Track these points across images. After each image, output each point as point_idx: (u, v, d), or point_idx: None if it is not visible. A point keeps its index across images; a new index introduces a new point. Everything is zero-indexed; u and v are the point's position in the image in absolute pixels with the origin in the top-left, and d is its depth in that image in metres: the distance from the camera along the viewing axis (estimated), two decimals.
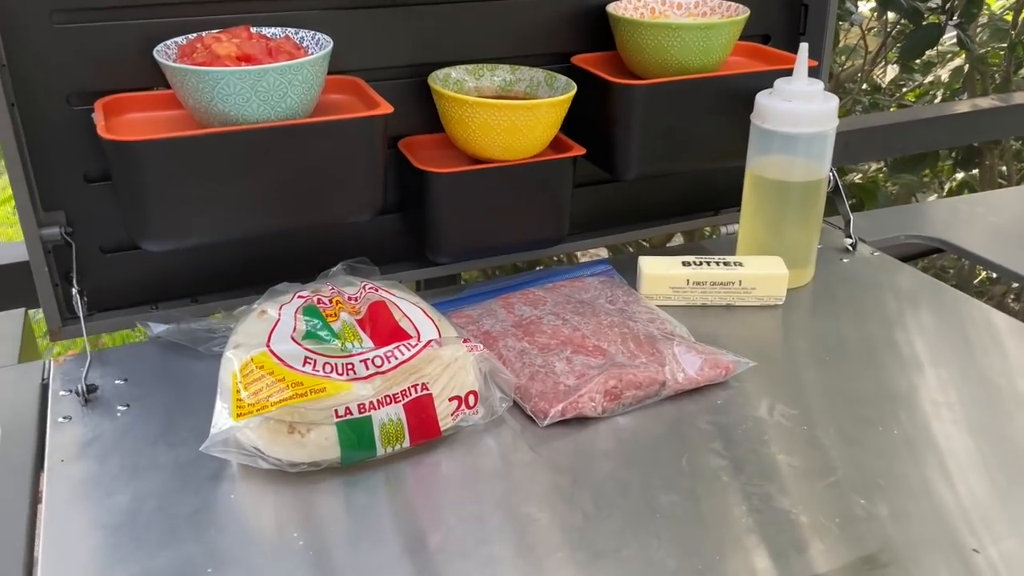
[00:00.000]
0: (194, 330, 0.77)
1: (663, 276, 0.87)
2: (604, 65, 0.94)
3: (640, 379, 0.72)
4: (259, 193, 0.73)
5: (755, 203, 0.90)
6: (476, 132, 0.82)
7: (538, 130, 0.82)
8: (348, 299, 0.73)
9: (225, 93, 0.68)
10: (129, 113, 0.77)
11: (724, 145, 0.92)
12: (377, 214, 0.80)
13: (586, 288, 0.87)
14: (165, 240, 0.73)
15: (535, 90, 0.90)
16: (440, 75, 0.87)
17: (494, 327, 0.79)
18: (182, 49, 0.73)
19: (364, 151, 0.76)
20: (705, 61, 0.87)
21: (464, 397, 0.66)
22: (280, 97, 0.70)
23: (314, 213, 0.77)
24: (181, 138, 0.68)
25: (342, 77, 0.83)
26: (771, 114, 0.85)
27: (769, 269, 0.88)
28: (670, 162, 0.91)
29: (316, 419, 0.62)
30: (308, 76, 0.71)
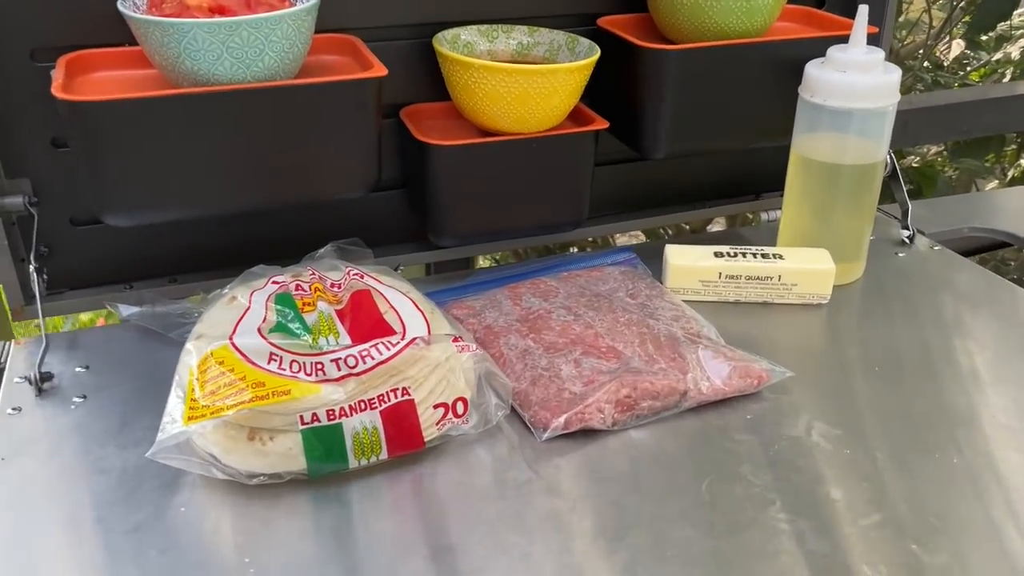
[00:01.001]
0: (166, 313, 0.70)
1: (692, 268, 0.77)
2: (634, 28, 0.83)
3: (658, 388, 0.63)
4: (234, 165, 0.65)
5: (800, 187, 0.80)
6: (483, 100, 0.72)
7: (554, 99, 0.73)
8: (331, 286, 0.64)
9: (193, 49, 0.60)
10: (98, 71, 0.69)
11: (767, 122, 0.81)
12: (371, 191, 0.72)
13: (605, 279, 0.78)
14: (127, 215, 0.65)
15: (555, 55, 0.80)
16: (447, 36, 0.77)
17: (497, 321, 0.70)
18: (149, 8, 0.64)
19: (354, 119, 0.67)
20: (748, 25, 0.76)
21: (451, 404, 0.58)
22: (256, 55, 0.62)
23: (298, 189, 0.69)
24: (139, 99, 0.60)
25: (337, 36, 0.75)
26: (822, 86, 0.74)
27: (813, 263, 0.77)
28: (704, 140, 0.81)
29: (279, 425, 0.54)
30: (289, 32, 0.62)
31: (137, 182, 0.63)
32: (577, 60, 0.77)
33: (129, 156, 0.62)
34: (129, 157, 0.62)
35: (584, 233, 0.91)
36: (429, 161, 0.74)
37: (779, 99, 0.79)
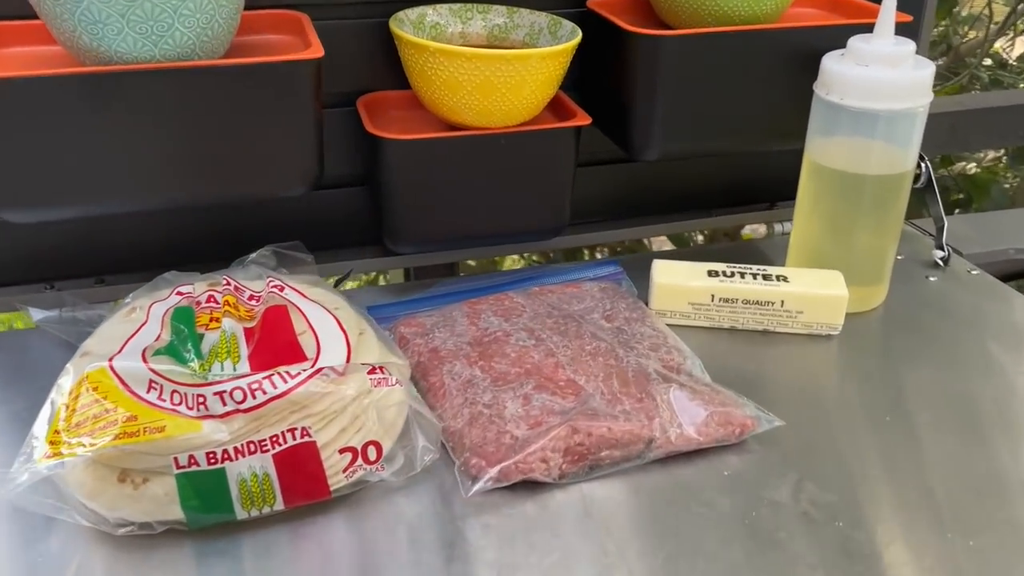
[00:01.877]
0: (76, 320, 0.62)
1: (680, 288, 0.67)
2: (629, 12, 0.74)
3: (617, 434, 0.53)
4: (144, 157, 0.57)
5: (813, 198, 0.69)
6: (442, 89, 0.63)
7: (524, 91, 0.63)
8: (248, 299, 0.56)
9: (88, 21, 0.52)
10: (10, 47, 0.62)
11: (777, 122, 0.70)
12: (312, 188, 0.63)
13: (581, 296, 0.68)
14: (23, 210, 0.58)
15: (535, 39, 0.71)
16: (411, 15, 0.68)
17: (446, 343, 0.61)
18: None
19: (287, 108, 0.59)
20: (756, 10, 0.66)
21: (361, 449, 0.49)
22: (165, 30, 0.53)
23: (222, 186, 0.60)
24: (22, 79, 0.52)
25: (281, 12, 0.66)
26: (840, 82, 0.63)
27: (823, 288, 0.67)
28: (702, 142, 0.70)
29: (154, 466, 0.46)
30: (205, 5, 0.54)
31: (31, 174, 0.56)
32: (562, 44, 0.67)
33: (19, 143, 0.54)
34: (19, 144, 0.54)
35: (566, 242, 0.81)
36: (381, 157, 0.65)
37: (791, 96, 0.68)
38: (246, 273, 0.60)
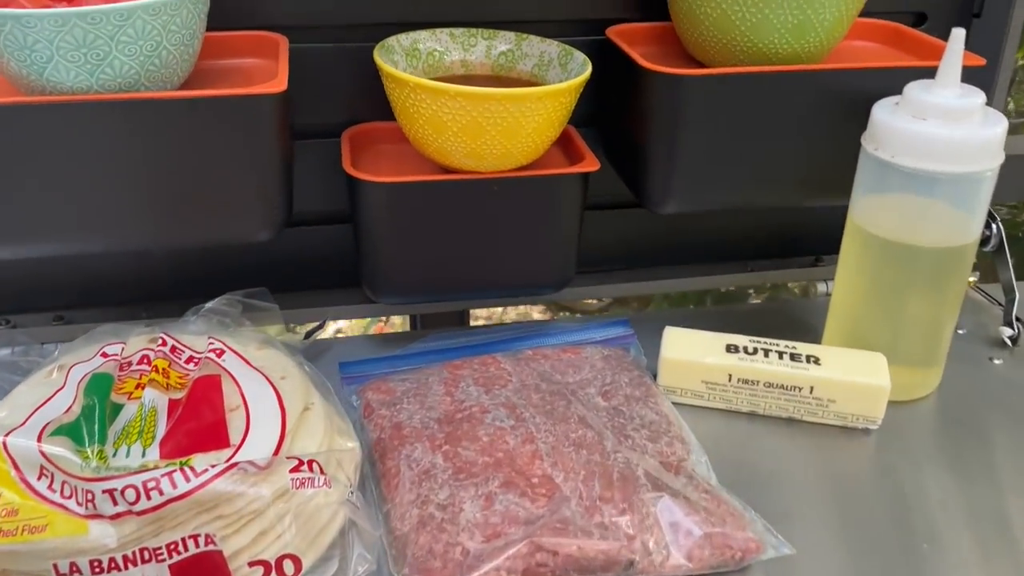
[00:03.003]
0: (15, 364, 0.57)
1: (694, 365, 0.58)
2: (653, 41, 0.65)
3: (589, 554, 0.45)
4: (89, 195, 0.51)
5: (857, 265, 0.59)
6: (426, 129, 0.56)
7: (519, 134, 0.55)
8: (185, 361, 0.50)
9: (15, 47, 0.46)
10: None
11: (817, 176, 0.61)
12: (276, 233, 0.56)
13: (580, 364, 0.60)
14: None
15: (543, 71, 0.62)
16: (404, 41, 0.61)
17: (412, 418, 0.54)
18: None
19: (246, 146, 0.52)
20: (796, 46, 0.56)
21: (276, 563, 0.41)
22: (101, 58, 0.47)
23: (175, 230, 0.54)
24: None
25: (258, 34, 0.60)
26: (892, 138, 0.53)
27: (861, 374, 0.57)
28: (728, 195, 0.61)
29: (34, 570, 0.40)
30: (148, 31, 0.47)
31: None
32: (568, 80, 0.59)
33: None
34: None
35: (572, 294, 0.73)
36: (359, 199, 0.58)
37: (835, 146, 0.59)
38: (194, 327, 0.54)
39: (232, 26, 0.60)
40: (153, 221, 0.53)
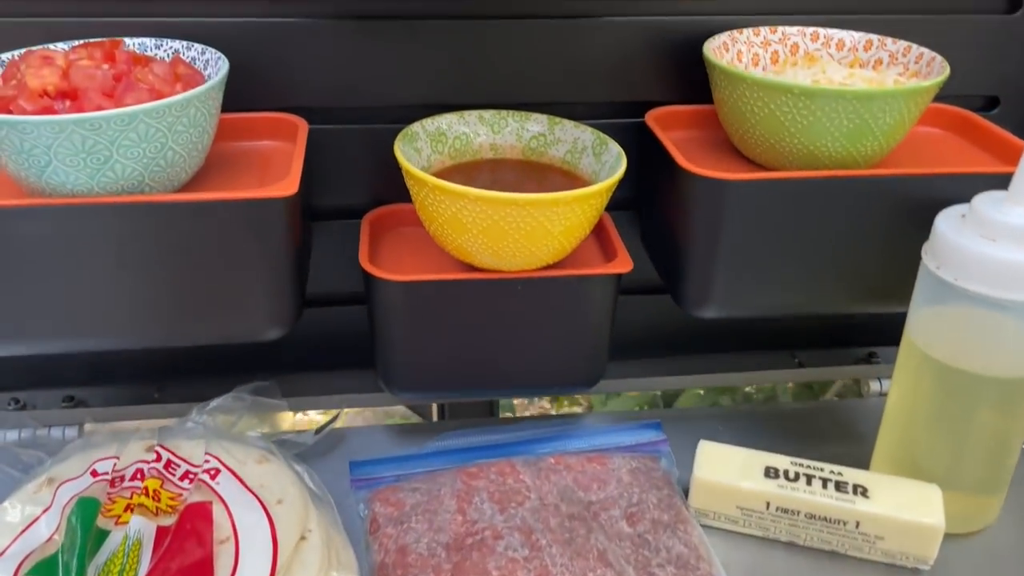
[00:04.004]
0: (16, 457, 0.55)
1: (729, 489, 0.54)
2: (695, 125, 0.61)
3: None
4: (93, 295, 0.49)
5: (912, 386, 0.54)
6: (446, 228, 0.52)
7: (546, 238, 0.51)
8: (180, 478, 0.47)
9: (12, 151, 0.44)
10: None
11: (873, 284, 0.56)
12: (287, 330, 0.54)
13: (605, 477, 0.56)
14: None
15: (576, 158, 0.59)
16: (428, 127, 0.58)
17: (419, 542, 0.50)
18: (7, 71, 0.49)
19: (252, 248, 0.49)
20: (852, 150, 0.52)
21: None
22: (101, 163, 0.45)
23: (182, 331, 0.51)
24: None
25: (277, 116, 0.57)
26: (955, 258, 0.48)
27: (912, 511, 0.52)
28: (771, 302, 0.56)
29: None
30: (150, 133, 0.45)
31: None
32: (601, 172, 0.55)
33: None
34: None
35: (599, 390, 0.68)
36: (374, 294, 0.55)
37: (893, 252, 0.54)
38: (196, 430, 0.51)
39: (251, 107, 0.58)
40: (160, 322, 0.50)
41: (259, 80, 0.57)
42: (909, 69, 0.56)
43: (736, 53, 0.58)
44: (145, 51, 0.54)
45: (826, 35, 0.59)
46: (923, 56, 0.55)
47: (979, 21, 0.61)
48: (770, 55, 0.59)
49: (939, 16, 0.61)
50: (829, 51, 0.59)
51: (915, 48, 0.56)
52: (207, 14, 0.55)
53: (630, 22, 0.59)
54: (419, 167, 0.56)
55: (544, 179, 0.59)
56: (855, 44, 0.59)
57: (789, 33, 0.59)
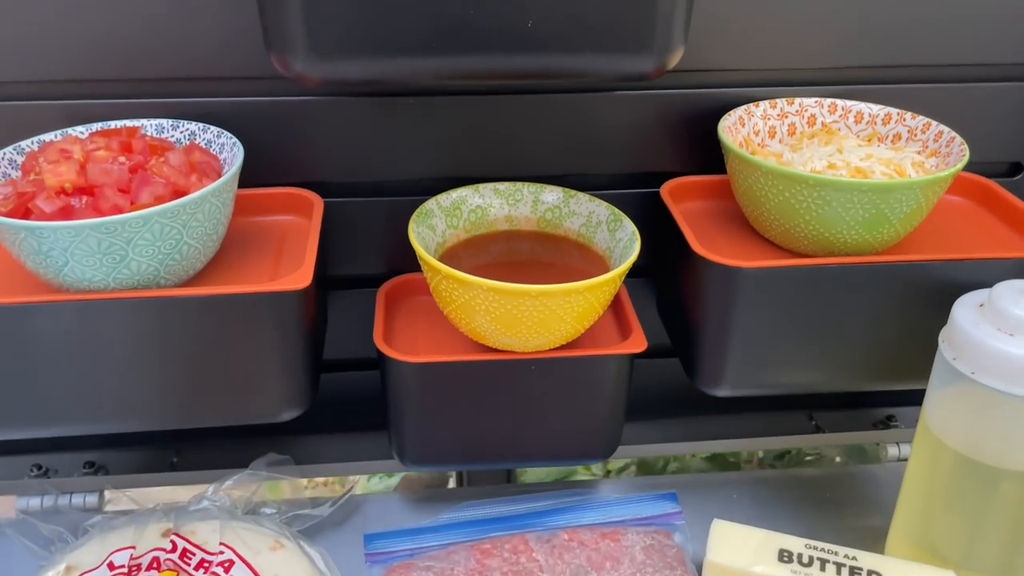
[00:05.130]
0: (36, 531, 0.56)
1: (742, 575, 0.54)
2: (710, 196, 0.61)
3: None
4: (102, 387, 0.49)
5: (927, 474, 0.53)
6: (459, 312, 0.52)
7: (559, 324, 0.51)
8: (196, 568, 0.47)
9: (30, 251, 0.45)
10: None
11: (889, 364, 0.55)
12: (302, 411, 0.54)
13: (619, 555, 0.56)
14: None
15: (591, 232, 0.58)
16: (444, 202, 0.58)
17: None
18: (26, 163, 0.50)
19: (266, 337, 0.50)
20: (868, 236, 0.51)
21: None
22: (117, 261, 0.45)
23: (197, 415, 0.52)
24: None
25: (293, 192, 0.58)
26: (973, 350, 0.48)
27: None
28: (786, 380, 0.56)
29: None
30: (165, 231, 0.45)
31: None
32: (617, 251, 0.55)
33: None
34: None
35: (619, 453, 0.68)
36: (386, 373, 0.55)
37: (910, 334, 0.54)
38: (211, 511, 0.52)
39: (267, 182, 0.58)
40: (176, 406, 0.51)
41: (275, 156, 0.58)
42: (928, 148, 0.55)
43: (752, 128, 0.58)
44: (162, 132, 0.54)
45: (844, 107, 0.58)
46: (943, 135, 0.54)
47: (999, 89, 0.60)
48: (787, 127, 0.59)
49: (959, 84, 0.60)
50: (847, 123, 0.58)
51: (934, 125, 0.55)
52: (224, 94, 0.56)
53: (644, 95, 0.59)
54: (434, 243, 0.57)
55: (559, 251, 0.59)
56: (873, 117, 0.58)
57: (806, 105, 0.59)
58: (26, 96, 0.54)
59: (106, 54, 0.54)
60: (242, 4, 0.53)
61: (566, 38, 0.44)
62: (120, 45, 0.53)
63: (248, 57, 0.54)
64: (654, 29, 0.44)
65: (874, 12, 0.57)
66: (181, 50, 0.54)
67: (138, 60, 0.54)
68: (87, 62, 0.54)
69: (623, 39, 0.44)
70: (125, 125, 0.54)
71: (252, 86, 0.56)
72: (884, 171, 0.51)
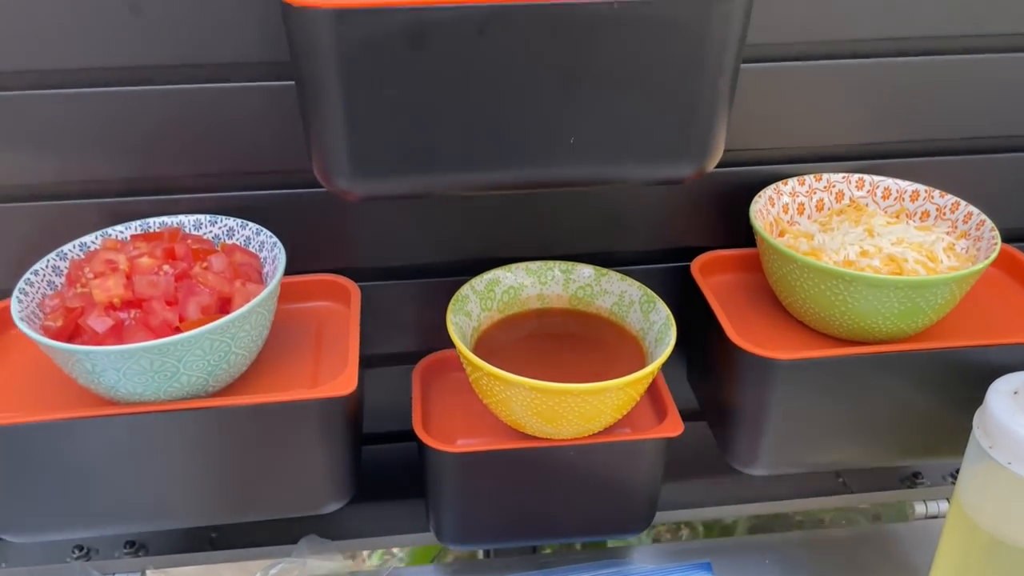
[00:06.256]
0: None
1: None
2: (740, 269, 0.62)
3: None
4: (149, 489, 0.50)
5: (960, 559, 0.54)
6: (498, 406, 0.53)
7: (597, 415, 0.52)
8: None
9: (83, 371, 0.45)
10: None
11: (924, 442, 0.56)
12: (344, 503, 0.55)
13: None
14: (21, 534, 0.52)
15: (624, 311, 0.59)
16: (479, 285, 0.58)
17: None
18: (71, 271, 0.50)
19: (311, 439, 0.50)
20: (903, 325, 0.52)
21: None
22: (168, 377, 0.46)
23: (241, 511, 0.53)
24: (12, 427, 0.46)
25: (331, 279, 0.58)
26: (1009, 441, 0.48)
27: None
28: (820, 460, 0.57)
29: None
30: (215, 346, 0.46)
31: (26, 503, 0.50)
32: (649, 332, 0.56)
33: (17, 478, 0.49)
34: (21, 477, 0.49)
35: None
36: (425, 459, 0.56)
37: (945, 414, 0.54)
38: None
39: (304, 268, 0.59)
40: (222, 503, 0.52)
41: (310, 243, 0.58)
42: (958, 229, 0.55)
43: (782, 206, 0.58)
44: (199, 228, 0.55)
45: (872, 183, 0.59)
46: (972, 216, 0.55)
47: (1020, 159, 0.61)
48: (815, 203, 0.59)
49: (982, 156, 0.61)
50: (875, 199, 0.59)
51: (963, 205, 0.56)
52: (260, 187, 0.56)
53: None
54: (470, 328, 0.57)
55: (591, 328, 0.60)
56: (901, 192, 0.58)
57: (834, 181, 0.59)
58: (64, 195, 0.55)
59: (144, 153, 0.54)
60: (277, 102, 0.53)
61: (607, 150, 0.45)
62: (158, 144, 0.54)
63: (285, 152, 0.55)
64: (695, 139, 0.45)
65: (897, 91, 0.58)
66: (218, 148, 0.54)
67: (175, 158, 0.54)
68: (125, 161, 0.54)
69: (664, 149, 0.45)
70: (164, 224, 0.55)
71: (288, 179, 0.56)
72: (917, 258, 0.52)
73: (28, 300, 0.48)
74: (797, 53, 0.56)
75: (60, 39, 0.50)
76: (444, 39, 0.40)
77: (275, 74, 0.53)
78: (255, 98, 0.53)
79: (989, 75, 0.58)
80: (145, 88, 0.52)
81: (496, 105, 0.43)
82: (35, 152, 0.53)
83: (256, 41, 0.51)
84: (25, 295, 0.48)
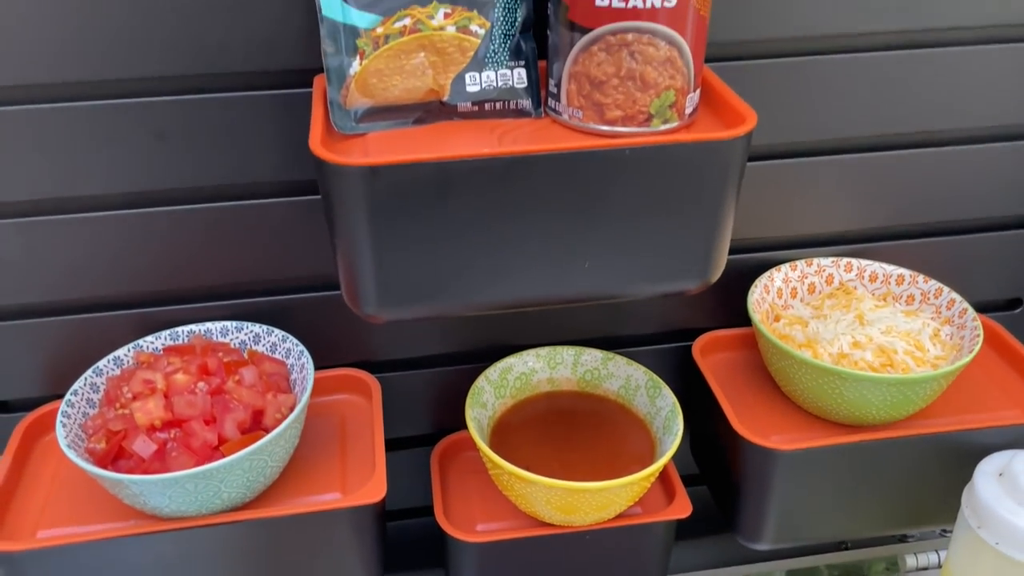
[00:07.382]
0: None
1: None
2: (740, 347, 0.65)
3: None
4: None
5: None
6: (515, 496, 0.56)
7: (612, 507, 0.55)
8: None
9: (129, 495, 0.48)
10: None
11: (918, 513, 0.60)
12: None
13: None
14: None
15: (631, 394, 0.62)
16: (493, 375, 0.61)
17: None
18: (109, 390, 0.53)
19: (343, 541, 0.53)
20: (894, 412, 0.55)
21: None
22: (211, 495, 0.48)
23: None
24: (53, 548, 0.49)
25: (352, 374, 0.61)
26: (995, 522, 0.52)
27: None
28: (821, 534, 0.61)
29: None
30: (255, 464, 0.49)
31: None
32: (656, 417, 0.59)
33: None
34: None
35: None
36: (445, 545, 0.59)
37: (937, 488, 0.58)
38: None
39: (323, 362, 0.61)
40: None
41: (329, 340, 0.61)
42: (942, 315, 0.59)
43: (776, 292, 0.62)
44: (226, 335, 0.57)
45: (859, 267, 0.63)
46: (955, 303, 0.59)
47: (997, 238, 0.65)
48: (807, 287, 0.63)
49: (961, 237, 0.64)
50: (863, 282, 0.63)
51: (945, 292, 0.59)
52: (279, 292, 0.59)
53: None
54: (486, 419, 0.60)
55: (600, 410, 0.63)
56: (888, 276, 0.62)
57: (824, 265, 0.63)
58: (95, 308, 0.57)
59: (169, 266, 0.56)
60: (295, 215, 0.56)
61: (619, 272, 0.48)
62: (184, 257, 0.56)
63: (305, 259, 0.57)
64: (702, 258, 0.48)
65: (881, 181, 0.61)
66: (240, 260, 0.57)
67: (199, 270, 0.57)
68: (151, 275, 0.56)
69: (674, 269, 0.48)
70: (192, 332, 0.57)
71: (308, 283, 0.59)
72: (906, 348, 0.55)
73: (71, 423, 0.51)
74: (784, 151, 0.60)
75: (91, 169, 0.52)
76: (468, 186, 0.43)
77: (293, 190, 0.55)
78: (276, 212, 0.56)
79: (964, 164, 0.62)
80: (168, 208, 0.55)
81: (515, 238, 0.45)
82: (68, 274, 0.55)
83: (277, 163, 0.54)
84: (68, 417, 0.51)
